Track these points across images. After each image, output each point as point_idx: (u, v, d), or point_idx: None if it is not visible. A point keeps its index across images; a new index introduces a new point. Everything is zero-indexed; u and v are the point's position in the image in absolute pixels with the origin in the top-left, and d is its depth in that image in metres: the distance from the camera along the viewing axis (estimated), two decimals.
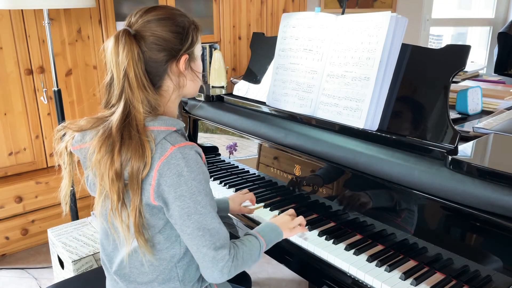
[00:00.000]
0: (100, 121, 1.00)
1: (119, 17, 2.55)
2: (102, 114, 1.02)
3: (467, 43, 2.48)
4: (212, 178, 1.68)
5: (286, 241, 1.28)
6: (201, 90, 1.92)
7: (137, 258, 1.03)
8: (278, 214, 1.33)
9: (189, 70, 1.04)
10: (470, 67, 2.15)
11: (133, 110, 0.96)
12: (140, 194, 0.94)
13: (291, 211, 1.30)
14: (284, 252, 1.28)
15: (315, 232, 1.28)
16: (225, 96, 1.79)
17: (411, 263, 1.12)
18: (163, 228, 1.00)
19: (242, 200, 1.42)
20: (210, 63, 2.86)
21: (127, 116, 0.96)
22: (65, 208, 1.07)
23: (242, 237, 1.10)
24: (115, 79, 0.97)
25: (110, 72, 0.99)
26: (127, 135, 0.94)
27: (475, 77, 2.09)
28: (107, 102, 1.02)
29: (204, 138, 1.84)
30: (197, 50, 1.06)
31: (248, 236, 1.10)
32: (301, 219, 1.26)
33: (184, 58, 1.01)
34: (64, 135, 1.06)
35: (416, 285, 1.04)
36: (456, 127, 1.16)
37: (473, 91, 1.52)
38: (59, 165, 1.08)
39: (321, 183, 1.33)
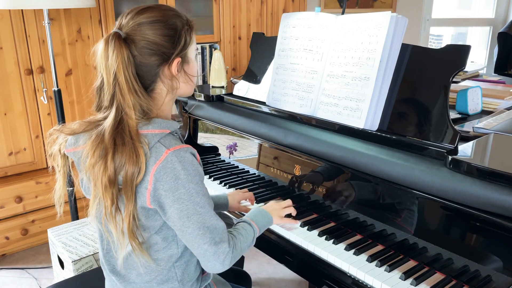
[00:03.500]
0: (93, 125, 0.99)
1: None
2: (94, 117, 1.01)
3: (467, 43, 2.48)
4: (212, 178, 1.68)
5: (286, 241, 1.28)
6: (201, 90, 1.92)
7: (134, 259, 1.03)
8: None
9: (182, 72, 1.02)
10: (470, 67, 2.15)
11: (125, 117, 0.94)
12: (134, 200, 0.93)
13: (279, 199, 1.30)
14: (284, 252, 1.28)
15: (315, 232, 1.28)
16: (225, 96, 1.79)
17: (411, 263, 1.12)
18: (159, 229, 1.00)
19: (241, 198, 1.42)
20: (210, 63, 2.86)
21: (120, 123, 0.94)
22: (60, 210, 1.07)
23: (237, 225, 1.11)
24: (105, 83, 0.96)
25: (100, 76, 0.98)
26: (120, 142, 0.93)
27: (475, 77, 2.09)
28: (98, 106, 1.01)
29: (204, 138, 1.84)
30: (191, 51, 1.03)
31: (243, 224, 1.12)
32: (291, 209, 1.28)
33: (176, 61, 0.99)
34: (57, 137, 1.05)
35: (416, 285, 1.04)
36: (456, 127, 1.16)
37: (473, 91, 1.52)
38: (53, 167, 1.08)
39: (321, 183, 1.33)
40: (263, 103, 1.60)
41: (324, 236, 1.24)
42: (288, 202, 1.30)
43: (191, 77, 1.05)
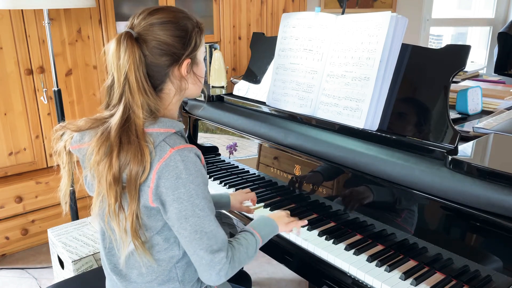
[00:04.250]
0: (99, 122, 1.00)
1: (119, 17, 2.55)
2: (100, 114, 1.02)
3: (467, 43, 2.48)
4: (212, 178, 1.68)
5: (286, 241, 1.28)
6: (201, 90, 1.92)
7: (136, 259, 1.03)
8: None
9: (191, 74, 1.03)
10: (470, 67, 2.15)
11: (133, 115, 0.95)
12: (137, 199, 0.94)
13: (287, 212, 1.29)
14: (284, 252, 1.28)
15: (315, 232, 1.28)
16: (225, 96, 1.79)
17: (411, 263, 1.12)
18: (161, 230, 1.00)
19: (244, 198, 1.41)
20: (210, 63, 2.86)
21: (127, 121, 0.95)
22: (65, 207, 1.07)
23: (238, 235, 1.09)
24: (115, 82, 0.97)
25: (111, 75, 0.98)
26: (126, 140, 0.93)
27: (475, 77, 2.09)
28: (107, 105, 1.02)
29: (204, 138, 1.84)
30: (200, 53, 1.05)
31: (244, 233, 1.09)
32: (298, 221, 1.25)
33: (186, 62, 1.00)
34: (63, 134, 1.05)
35: (416, 285, 1.04)
36: (456, 127, 1.16)
37: (473, 91, 1.52)
38: (57, 165, 1.08)
39: (321, 183, 1.33)
40: (263, 103, 1.60)
41: (324, 236, 1.24)
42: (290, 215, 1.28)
43: (199, 78, 1.06)
